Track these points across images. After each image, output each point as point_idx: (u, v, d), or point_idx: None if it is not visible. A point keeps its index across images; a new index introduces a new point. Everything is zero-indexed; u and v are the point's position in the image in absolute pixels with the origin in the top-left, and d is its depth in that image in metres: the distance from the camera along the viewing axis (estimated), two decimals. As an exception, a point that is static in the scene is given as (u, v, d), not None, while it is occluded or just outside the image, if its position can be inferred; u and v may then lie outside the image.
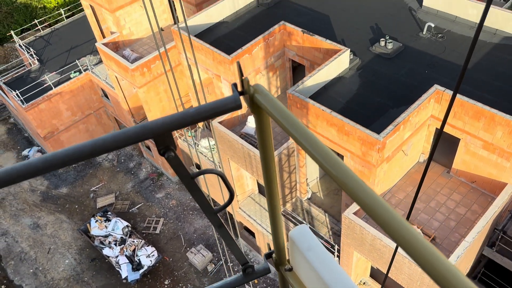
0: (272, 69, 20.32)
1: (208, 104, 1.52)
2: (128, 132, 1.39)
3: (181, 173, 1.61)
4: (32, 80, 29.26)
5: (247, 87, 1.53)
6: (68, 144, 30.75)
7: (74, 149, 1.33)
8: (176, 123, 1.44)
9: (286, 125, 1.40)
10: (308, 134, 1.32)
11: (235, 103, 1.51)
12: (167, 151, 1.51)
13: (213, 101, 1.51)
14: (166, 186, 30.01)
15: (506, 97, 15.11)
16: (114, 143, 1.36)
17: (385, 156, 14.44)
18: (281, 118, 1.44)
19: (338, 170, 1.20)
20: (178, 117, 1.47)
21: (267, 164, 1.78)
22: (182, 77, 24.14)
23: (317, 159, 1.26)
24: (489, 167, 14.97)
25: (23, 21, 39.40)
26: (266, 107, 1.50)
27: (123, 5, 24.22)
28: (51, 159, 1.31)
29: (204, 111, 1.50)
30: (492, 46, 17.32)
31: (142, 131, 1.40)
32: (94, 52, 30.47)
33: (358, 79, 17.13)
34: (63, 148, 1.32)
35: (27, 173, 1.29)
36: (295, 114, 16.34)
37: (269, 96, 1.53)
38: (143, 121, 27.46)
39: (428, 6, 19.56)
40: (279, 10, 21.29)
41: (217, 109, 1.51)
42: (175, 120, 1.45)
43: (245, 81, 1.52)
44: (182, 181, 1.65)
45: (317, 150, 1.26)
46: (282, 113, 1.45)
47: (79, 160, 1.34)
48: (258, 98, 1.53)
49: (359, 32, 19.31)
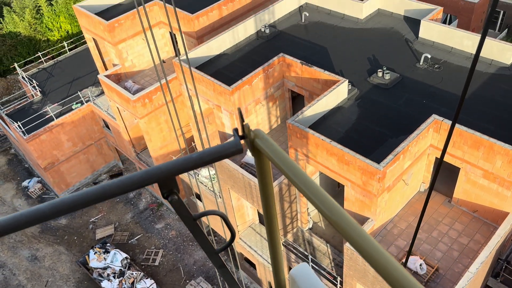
0: (272, 99, 20.57)
1: (210, 149, 1.57)
2: (133, 177, 1.44)
3: (184, 215, 1.65)
4: (34, 112, 29.54)
5: (248, 132, 1.58)
6: (68, 175, 30.73)
7: (81, 195, 1.37)
8: (179, 168, 1.49)
9: (286, 170, 1.45)
10: (307, 180, 1.36)
11: (236, 147, 1.56)
12: (171, 194, 1.55)
13: (215, 146, 1.56)
14: (165, 216, 29.79)
15: (504, 126, 15.23)
16: (120, 188, 1.41)
17: (386, 185, 14.43)
18: (281, 163, 1.50)
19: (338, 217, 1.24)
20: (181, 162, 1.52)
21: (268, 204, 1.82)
22: (183, 107, 24.39)
23: (316, 204, 1.31)
24: (490, 196, 14.92)
25: (27, 53, 40.13)
26: (266, 152, 1.55)
27: (125, 38, 24.74)
28: (58, 205, 1.36)
29: (206, 156, 1.55)
30: (488, 76, 17.59)
31: (146, 176, 1.45)
32: (96, 84, 30.90)
33: (357, 109, 17.31)
34: (71, 194, 1.36)
35: (35, 219, 1.33)
36: (295, 144, 16.43)
37: (269, 141, 1.59)
38: (143, 151, 27.29)
39: (424, 38, 19.99)
40: (278, 42, 21.74)
41: (219, 154, 1.56)
42: (178, 165, 1.50)
43: (246, 127, 1.58)
44: (185, 223, 1.68)
45: (317, 196, 1.31)
46: (281, 158, 1.51)
47: (87, 205, 1.38)
48: (259, 143, 1.58)
49: (356, 63, 19.65)
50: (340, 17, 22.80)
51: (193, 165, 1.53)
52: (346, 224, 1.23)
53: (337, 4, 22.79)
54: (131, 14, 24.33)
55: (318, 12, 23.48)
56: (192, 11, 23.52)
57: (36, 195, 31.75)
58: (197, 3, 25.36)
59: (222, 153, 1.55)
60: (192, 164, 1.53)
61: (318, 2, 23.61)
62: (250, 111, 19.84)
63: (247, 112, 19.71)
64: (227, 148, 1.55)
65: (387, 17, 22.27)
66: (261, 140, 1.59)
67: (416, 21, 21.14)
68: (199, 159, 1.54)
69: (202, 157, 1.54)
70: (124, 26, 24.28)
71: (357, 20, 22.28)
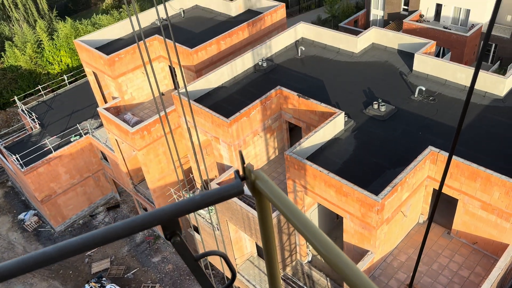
0: (269, 131, 20.74)
1: (212, 191, 1.63)
2: (137, 220, 1.49)
3: (185, 256, 1.69)
4: (33, 144, 29.60)
5: (248, 174, 1.64)
6: (64, 208, 30.47)
7: (87, 237, 1.42)
8: (182, 210, 1.55)
9: (286, 212, 1.50)
10: (307, 222, 1.42)
11: (238, 189, 1.62)
12: (174, 236, 1.60)
13: (216, 188, 1.62)
14: (162, 249, 29.36)
15: (500, 157, 15.35)
16: (124, 231, 1.46)
17: (385, 217, 14.37)
18: (281, 205, 1.55)
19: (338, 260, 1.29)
20: (184, 204, 1.57)
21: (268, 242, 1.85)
22: (181, 139, 24.51)
23: (316, 247, 1.35)
24: (489, 227, 14.86)
25: (27, 86, 40.58)
26: (267, 194, 1.61)
27: (125, 72, 25.14)
28: (65, 248, 1.40)
29: (208, 197, 1.61)
30: (482, 108, 17.87)
31: (150, 218, 1.50)
32: (95, 116, 31.13)
33: (354, 140, 17.46)
34: (77, 237, 1.41)
35: (42, 261, 1.37)
36: (293, 175, 16.46)
37: (269, 182, 1.65)
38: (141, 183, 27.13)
39: (418, 71, 20.40)
40: (275, 75, 22.13)
41: (221, 195, 1.62)
42: (181, 207, 1.56)
43: (246, 169, 1.64)
44: (186, 263, 1.72)
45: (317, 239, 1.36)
46: (282, 200, 1.56)
47: (92, 248, 1.43)
48: (259, 185, 1.64)
49: (352, 95, 19.96)
50: (336, 51, 23.32)
51: (196, 207, 1.59)
52: (351, 272, 1.27)
53: (332, 39, 23.35)
54: (131, 48, 24.82)
55: (314, 46, 24.03)
56: (191, 45, 24.04)
57: (32, 228, 31.36)
58: (196, 38, 25.95)
59: (224, 195, 1.61)
60: (195, 206, 1.58)
61: (314, 36, 24.20)
62: (248, 143, 19.97)
63: (245, 143, 19.84)
64: (228, 190, 1.61)
65: (381, 51, 22.79)
66: (261, 182, 1.65)
67: (410, 55, 21.63)
68: (202, 201, 1.59)
69: (205, 199, 1.60)
70: (124, 60, 24.72)
71: (352, 54, 22.78)
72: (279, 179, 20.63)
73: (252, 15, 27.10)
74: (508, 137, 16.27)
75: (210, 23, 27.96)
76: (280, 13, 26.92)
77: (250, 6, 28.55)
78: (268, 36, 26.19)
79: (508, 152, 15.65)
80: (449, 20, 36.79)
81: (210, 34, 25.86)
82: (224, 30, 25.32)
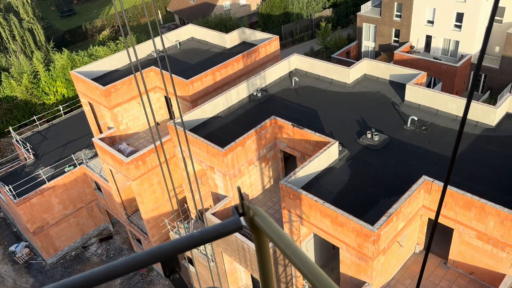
0: (264, 160, 20.80)
1: (211, 228, 1.67)
2: (137, 257, 1.52)
3: (184, 293, 1.71)
4: (26, 175, 29.39)
5: (247, 210, 1.68)
6: (57, 239, 29.96)
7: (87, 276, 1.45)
8: (181, 248, 1.58)
9: (284, 249, 1.54)
10: (305, 259, 1.45)
11: (236, 225, 1.66)
12: (173, 273, 1.63)
13: (215, 225, 1.66)
14: (155, 282, 28.76)
15: (493, 186, 15.45)
16: (124, 268, 1.49)
17: (381, 248, 14.28)
18: (280, 242, 1.59)
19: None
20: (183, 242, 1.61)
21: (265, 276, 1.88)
22: (176, 168, 24.47)
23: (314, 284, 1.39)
24: (485, 257, 14.78)
25: (22, 117, 40.62)
26: (265, 230, 1.65)
27: (121, 103, 25.33)
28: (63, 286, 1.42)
29: (207, 235, 1.64)
30: (474, 137, 18.10)
31: (149, 256, 1.53)
32: (90, 146, 31.09)
33: (348, 169, 17.53)
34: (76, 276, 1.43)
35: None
36: (289, 205, 16.41)
37: (267, 219, 1.69)
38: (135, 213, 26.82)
39: (410, 101, 20.75)
40: (270, 105, 22.39)
41: (219, 232, 1.66)
42: (180, 244, 1.59)
43: (245, 205, 1.69)
44: (185, 300, 1.73)
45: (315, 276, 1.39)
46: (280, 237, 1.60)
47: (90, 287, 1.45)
48: (257, 221, 1.68)
49: (346, 125, 20.18)
50: (329, 82, 23.73)
51: (195, 244, 1.62)
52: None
53: (325, 70, 23.80)
54: (127, 79, 25.10)
55: (307, 77, 24.45)
56: (187, 76, 24.37)
57: (23, 260, 30.71)
58: (192, 69, 26.34)
59: (223, 232, 1.65)
60: (194, 243, 1.62)
61: (307, 67, 24.66)
62: (243, 172, 19.97)
63: (240, 173, 19.84)
64: (227, 227, 1.65)
65: (373, 82, 23.22)
66: (259, 218, 1.68)
67: (401, 85, 22.03)
68: (201, 238, 1.63)
69: (204, 236, 1.64)
70: (121, 91, 24.95)
71: (344, 85, 23.18)
72: (275, 208, 20.54)
73: (247, 47, 27.64)
74: (500, 166, 16.43)
75: (206, 54, 28.45)
76: (274, 45, 27.49)
77: (245, 39, 29.16)
78: (262, 67, 26.65)
79: (502, 181, 15.76)
80: (439, 51, 37.71)
81: (206, 65, 26.28)
82: (219, 62, 25.75)
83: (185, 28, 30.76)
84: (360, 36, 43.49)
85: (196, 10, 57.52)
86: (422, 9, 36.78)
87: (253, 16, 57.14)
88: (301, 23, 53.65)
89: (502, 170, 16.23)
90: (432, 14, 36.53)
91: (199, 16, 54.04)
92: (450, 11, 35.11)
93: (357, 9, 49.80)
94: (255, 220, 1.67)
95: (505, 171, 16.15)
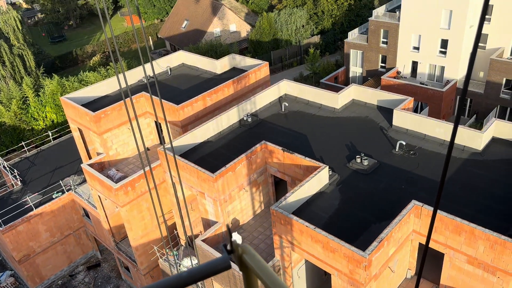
0: (255, 185, 20.77)
1: (200, 267, 1.69)
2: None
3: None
4: (13, 201, 28.88)
5: (236, 248, 1.70)
6: (43, 268, 29.24)
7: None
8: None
9: None
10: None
11: (225, 264, 1.68)
12: None
13: (204, 263, 1.67)
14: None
15: (482, 210, 15.57)
16: None
17: (373, 274, 14.19)
18: (268, 281, 1.61)
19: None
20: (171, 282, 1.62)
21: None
22: (166, 194, 24.27)
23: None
24: (476, 282, 14.75)
25: (10, 142, 40.22)
26: (254, 269, 1.67)
27: (111, 128, 25.27)
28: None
29: (196, 274, 1.66)
30: (462, 161, 18.33)
31: None
32: (78, 172, 30.77)
33: (339, 194, 17.57)
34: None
35: None
36: (280, 230, 16.31)
37: (256, 257, 1.71)
38: (123, 240, 26.35)
39: (397, 126, 21.04)
40: (260, 130, 22.53)
41: (208, 270, 1.67)
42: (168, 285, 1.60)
43: (234, 243, 1.71)
44: None
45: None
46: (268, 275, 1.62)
47: None
48: (246, 259, 1.70)
49: (335, 149, 20.34)
50: (318, 107, 24.02)
51: (184, 284, 1.64)
52: None
53: (315, 95, 24.13)
54: (117, 105, 25.13)
55: (297, 102, 24.73)
56: (178, 102, 24.48)
57: (7, 290, 29.83)
58: (183, 95, 26.50)
59: (211, 271, 1.67)
60: (182, 283, 1.63)
61: (297, 93, 24.98)
62: (233, 197, 19.89)
63: (231, 198, 19.75)
64: (216, 265, 1.67)
65: (361, 107, 23.55)
66: (248, 256, 1.70)
67: (389, 110, 22.38)
68: (189, 277, 1.65)
69: (192, 275, 1.65)
70: (110, 117, 24.93)
71: (333, 110, 23.48)
72: (266, 234, 20.39)
73: (237, 73, 27.97)
74: (488, 190, 16.61)
75: (196, 80, 28.71)
76: (264, 70, 27.88)
77: (235, 65, 29.54)
78: (252, 92, 26.92)
79: (490, 205, 15.91)
80: (425, 77, 38.50)
81: (196, 91, 26.48)
82: (209, 87, 25.98)
83: (176, 54, 31.10)
84: (348, 62, 44.32)
85: (187, 36, 58.29)
86: (408, 36, 37.73)
87: (243, 42, 58.07)
88: (290, 49, 54.61)
89: (490, 194, 16.40)
90: (418, 41, 37.47)
91: (190, 43, 54.74)
92: (435, 38, 36.07)
93: (344, 36, 50.92)
94: (244, 259, 1.69)
95: (493, 195, 16.32)
